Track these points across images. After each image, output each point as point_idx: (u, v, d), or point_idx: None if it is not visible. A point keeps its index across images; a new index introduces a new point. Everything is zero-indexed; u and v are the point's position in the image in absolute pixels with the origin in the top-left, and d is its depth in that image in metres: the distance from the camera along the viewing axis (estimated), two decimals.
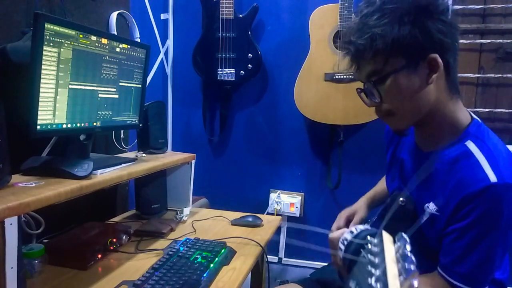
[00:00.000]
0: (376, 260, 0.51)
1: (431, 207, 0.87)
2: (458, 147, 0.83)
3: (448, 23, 0.80)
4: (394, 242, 0.53)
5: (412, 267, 0.47)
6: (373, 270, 0.50)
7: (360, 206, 1.19)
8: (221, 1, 1.85)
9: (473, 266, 0.77)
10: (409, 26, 0.77)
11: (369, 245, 0.56)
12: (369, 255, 0.54)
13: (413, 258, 0.49)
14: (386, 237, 0.56)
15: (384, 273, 0.48)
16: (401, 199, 0.92)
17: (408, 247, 0.50)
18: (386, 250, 0.52)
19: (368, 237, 0.60)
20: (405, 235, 0.51)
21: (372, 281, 0.48)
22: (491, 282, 0.83)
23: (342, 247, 0.70)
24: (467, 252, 0.77)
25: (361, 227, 0.72)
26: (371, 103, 0.88)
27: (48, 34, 0.89)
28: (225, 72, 1.91)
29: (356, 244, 0.66)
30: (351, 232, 0.71)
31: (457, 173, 0.81)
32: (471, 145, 0.82)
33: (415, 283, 0.44)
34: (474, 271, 0.77)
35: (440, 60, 0.79)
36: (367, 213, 1.17)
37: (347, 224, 1.15)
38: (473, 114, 0.89)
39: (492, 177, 0.75)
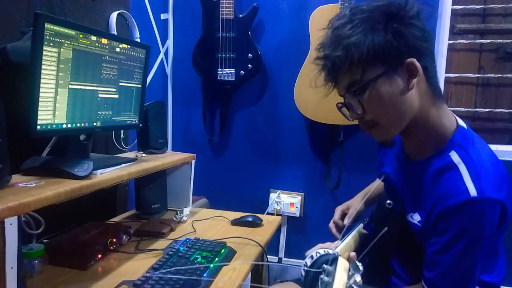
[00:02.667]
0: None
1: (415, 217, 0.87)
2: (443, 158, 0.82)
3: (421, 27, 0.79)
4: (349, 270, 0.55)
5: None
6: None
7: (355, 199, 1.21)
8: (221, 1, 1.85)
9: (456, 281, 0.78)
10: (383, 32, 0.77)
11: (323, 275, 0.57)
12: (320, 285, 0.55)
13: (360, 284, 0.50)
14: (341, 265, 0.57)
15: None
16: (388, 201, 0.92)
17: (358, 278, 0.51)
18: (336, 279, 0.53)
19: (324, 266, 0.60)
20: (359, 264, 0.53)
21: None
22: (482, 284, 0.84)
23: (303, 272, 0.71)
24: (450, 267, 0.78)
25: (321, 251, 0.73)
26: (353, 116, 0.87)
27: (48, 34, 0.89)
28: (225, 72, 1.91)
29: (312, 273, 0.67)
30: (311, 257, 0.72)
31: (440, 185, 0.80)
32: (454, 156, 0.81)
33: None
34: (456, 286, 0.78)
35: (417, 64, 0.78)
36: (363, 205, 1.18)
37: (342, 217, 1.17)
38: (459, 120, 0.88)
39: (472, 191, 0.75)
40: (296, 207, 1.98)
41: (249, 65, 1.89)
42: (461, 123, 0.87)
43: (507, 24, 1.70)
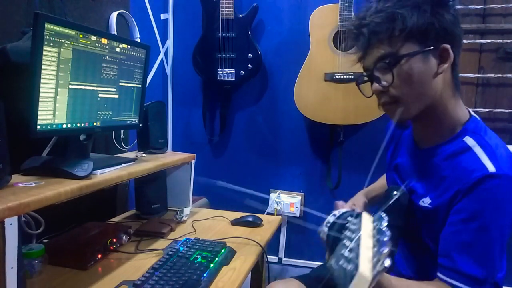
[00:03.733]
0: (353, 236, 0.53)
1: (426, 201, 0.87)
2: (456, 143, 0.84)
3: (458, 18, 0.83)
4: (373, 221, 0.56)
5: (386, 238, 0.49)
6: (347, 243, 0.52)
7: (358, 197, 1.20)
8: (221, 1, 1.85)
9: (475, 264, 0.76)
10: (428, 14, 0.79)
11: (349, 224, 0.58)
12: (347, 232, 0.55)
13: (388, 232, 0.51)
14: (366, 216, 0.59)
15: (358, 244, 0.50)
16: (394, 192, 0.92)
17: (384, 224, 0.52)
18: (363, 226, 0.53)
19: (349, 218, 0.61)
20: (383, 214, 0.53)
21: (345, 251, 0.50)
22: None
23: (326, 229, 0.71)
24: (467, 248, 0.76)
25: (343, 210, 0.74)
26: (377, 89, 0.86)
27: (48, 34, 0.89)
28: (225, 72, 1.91)
29: (338, 225, 0.67)
30: (334, 215, 0.73)
31: (455, 167, 0.82)
32: (469, 140, 0.83)
33: (387, 262, 0.45)
34: (476, 269, 0.76)
35: (451, 51, 0.81)
36: (366, 200, 1.18)
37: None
38: (472, 112, 0.90)
39: (491, 167, 0.75)
40: (296, 207, 1.98)
41: (249, 65, 1.89)
42: (474, 114, 0.89)
43: (507, 24, 1.69)
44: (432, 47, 0.81)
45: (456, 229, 0.78)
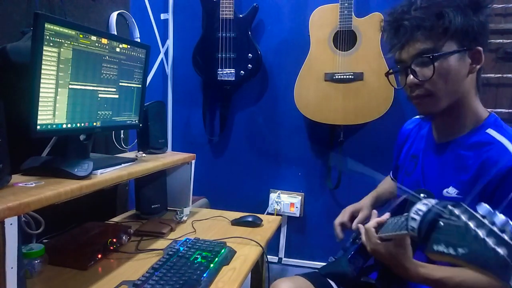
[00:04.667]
0: (473, 223, 0.53)
1: (451, 191, 0.89)
2: (479, 134, 0.88)
3: (488, 21, 0.87)
4: (476, 211, 0.56)
5: (502, 216, 0.52)
6: (477, 230, 0.52)
7: (365, 204, 1.20)
8: (221, 1, 1.85)
9: None
10: (471, 16, 0.84)
11: (455, 212, 0.57)
12: (462, 219, 0.55)
13: (509, 220, 0.52)
14: (468, 207, 0.58)
15: (491, 230, 0.51)
16: (422, 194, 0.91)
17: (498, 212, 0.53)
18: (478, 216, 0.54)
19: (449, 207, 0.60)
20: (485, 204, 0.55)
21: (483, 236, 0.51)
22: None
23: (417, 217, 0.68)
24: None
25: (433, 200, 0.70)
26: (412, 82, 0.88)
27: (48, 34, 0.89)
28: (225, 72, 1.91)
29: (436, 211, 0.64)
30: (426, 204, 0.69)
31: (481, 156, 0.85)
32: (492, 132, 0.87)
33: None
34: None
35: (483, 54, 0.86)
36: (371, 210, 1.18)
37: (351, 219, 1.16)
38: (488, 110, 0.94)
39: None
40: (296, 207, 1.98)
41: (249, 65, 1.89)
42: (493, 112, 0.93)
43: (507, 24, 1.69)
44: (468, 48, 0.85)
45: (503, 211, 0.80)
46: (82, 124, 1.05)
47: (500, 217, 0.53)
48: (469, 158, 0.87)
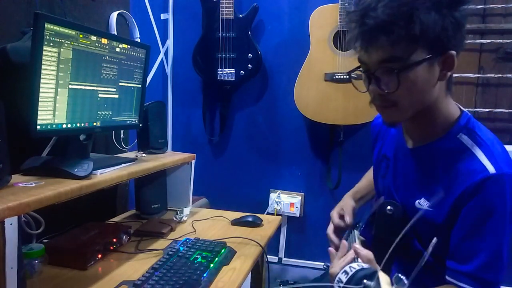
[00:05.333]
0: None
1: (423, 203, 0.85)
2: (450, 141, 0.82)
3: (465, 18, 0.76)
4: (392, 284, 0.53)
5: None
6: None
7: (346, 201, 1.17)
8: (221, 1, 1.85)
9: (482, 266, 0.75)
10: (446, 15, 0.72)
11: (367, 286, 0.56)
12: None
13: None
14: (383, 279, 0.56)
15: None
16: (388, 207, 0.89)
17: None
18: None
19: (365, 281, 0.58)
20: (402, 277, 0.51)
21: None
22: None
23: None
24: (475, 250, 0.76)
25: (355, 266, 0.68)
26: (374, 91, 0.80)
27: (48, 34, 0.89)
28: (225, 72, 1.91)
29: (353, 285, 0.63)
30: (345, 272, 0.67)
31: (452, 166, 0.80)
32: (463, 138, 0.81)
33: None
34: (483, 271, 0.75)
35: (456, 58, 0.76)
36: (354, 204, 1.16)
37: (341, 218, 1.12)
38: (461, 107, 0.88)
39: (491, 168, 0.75)
40: (296, 207, 1.98)
41: (249, 65, 1.89)
42: (463, 109, 0.88)
43: (507, 24, 1.69)
44: (439, 54, 0.75)
45: (467, 232, 0.77)
46: (82, 124, 1.05)
47: None
48: (439, 167, 0.82)
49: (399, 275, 0.51)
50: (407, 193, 0.91)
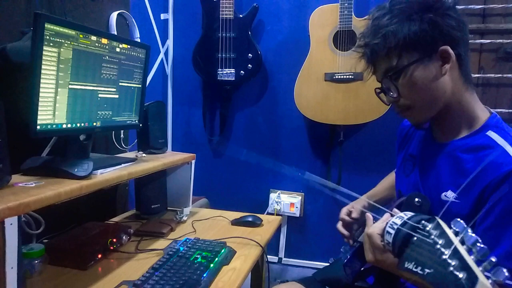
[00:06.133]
0: (441, 241, 0.52)
1: (449, 195, 0.87)
2: (479, 137, 0.85)
3: (456, 18, 0.84)
4: (450, 227, 0.54)
5: (482, 245, 0.49)
6: (442, 249, 0.51)
7: (358, 200, 1.19)
8: (221, 1, 1.85)
9: (505, 254, 0.75)
10: (419, 22, 0.82)
11: (427, 228, 0.56)
12: (431, 236, 0.53)
13: (479, 239, 0.50)
14: (442, 222, 0.57)
15: (456, 251, 0.49)
16: (416, 199, 0.90)
17: (470, 230, 0.51)
18: (448, 233, 0.53)
19: (423, 222, 0.59)
20: (461, 220, 0.53)
21: (445, 257, 0.49)
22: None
23: (392, 230, 0.68)
24: (499, 239, 0.76)
25: (410, 213, 0.70)
26: (389, 100, 0.92)
27: (48, 34, 0.89)
28: (225, 72, 1.91)
29: (410, 226, 0.63)
30: (401, 217, 0.69)
31: (481, 160, 0.82)
32: (493, 135, 0.84)
33: (505, 271, 0.45)
34: (506, 259, 0.75)
35: (451, 51, 0.83)
36: (367, 204, 1.17)
37: (348, 215, 1.14)
38: (490, 109, 0.91)
39: None
40: (296, 207, 1.98)
41: (249, 65, 1.89)
42: (494, 111, 0.90)
43: (507, 24, 1.70)
44: (431, 52, 0.83)
45: (489, 223, 0.77)
46: (82, 124, 1.05)
47: (471, 236, 0.50)
48: (468, 162, 0.85)
49: (458, 219, 0.53)
50: (433, 187, 0.92)
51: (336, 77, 1.77)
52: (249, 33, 1.88)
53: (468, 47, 0.88)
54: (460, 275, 0.47)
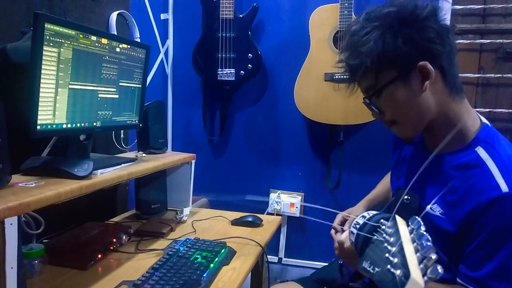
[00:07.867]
0: (392, 239, 0.53)
1: (435, 209, 0.86)
2: (468, 153, 0.83)
3: (434, 28, 0.80)
4: (408, 225, 0.55)
5: (429, 243, 0.48)
6: (389, 247, 0.52)
7: (357, 207, 1.19)
8: (221, 1, 1.85)
9: (490, 274, 0.76)
10: (392, 39, 0.79)
11: (384, 227, 0.56)
12: (384, 235, 0.54)
13: (429, 237, 0.50)
14: (400, 220, 0.57)
15: (401, 249, 0.50)
16: (406, 197, 0.91)
17: (423, 228, 0.51)
18: (401, 231, 0.53)
19: (382, 220, 0.60)
20: (418, 218, 0.53)
21: (388, 255, 0.50)
22: None
23: (354, 230, 0.69)
24: (486, 260, 0.77)
25: (373, 212, 0.71)
26: (374, 116, 0.92)
27: (48, 34, 0.89)
28: (225, 72, 1.91)
29: (369, 226, 0.65)
30: (363, 216, 0.70)
31: (467, 180, 0.80)
32: (481, 152, 0.81)
33: (439, 268, 0.45)
34: (491, 279, 0.76)
35: (430, 66, 0.79)
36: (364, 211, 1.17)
37: (342, 223, 1.14)
38: (481, 117, 0.88)
39: (504, 187, 0.75)
40: (296, 207, 1.98)
41: (249, 65, 1.89)
42: (484, 120, 0.88)
43: (507, 24, 1.69)
44: (409, 69, 0.80)
45: (477, 245, 0.78)
46: (82, 124, 1.05)
47: (422, 233, 0.51)
48: (455, 179, 0.83)
49: (415, 216, 0.53)
50: (421, 195, 0.91)
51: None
52: (249, 33, 1.88)
53: (453, 55, 0.84)
54: (397, 272, 0.48)
